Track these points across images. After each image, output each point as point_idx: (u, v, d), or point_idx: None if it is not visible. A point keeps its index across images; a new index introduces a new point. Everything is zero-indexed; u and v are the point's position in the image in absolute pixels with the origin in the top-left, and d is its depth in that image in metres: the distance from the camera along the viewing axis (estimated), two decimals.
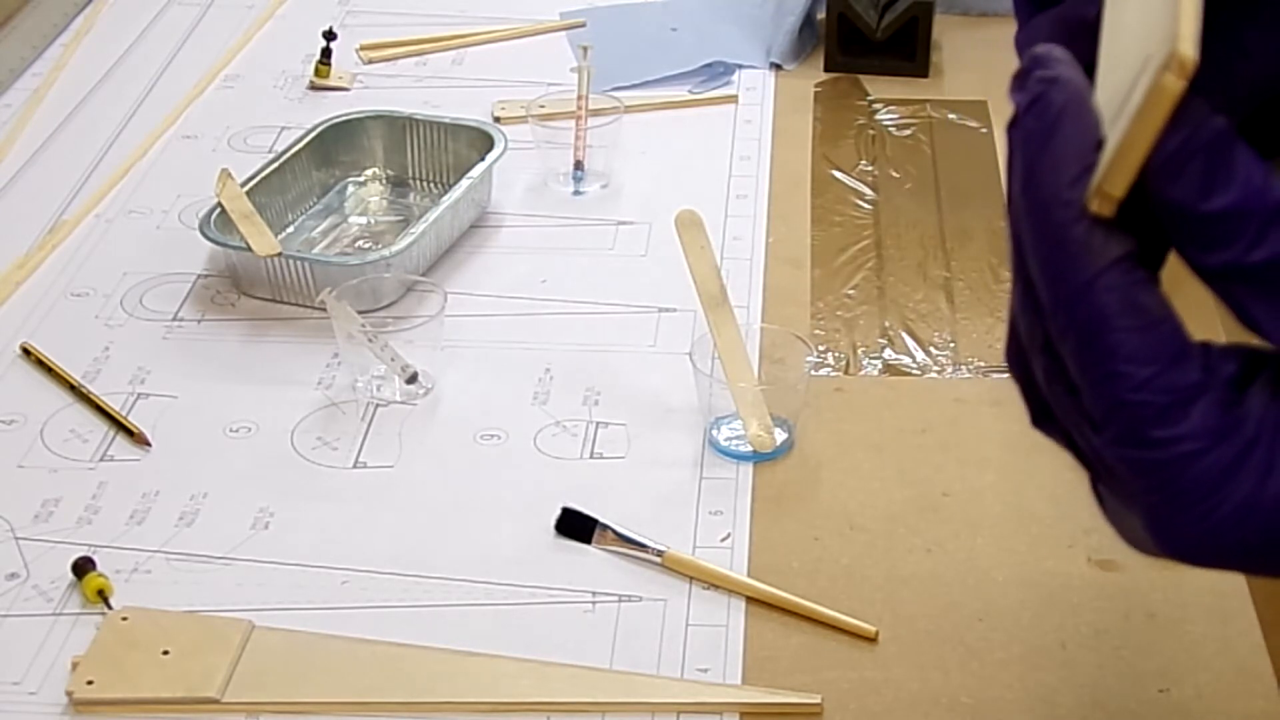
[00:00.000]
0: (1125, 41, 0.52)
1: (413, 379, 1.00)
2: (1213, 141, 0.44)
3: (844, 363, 1.04)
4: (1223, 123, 0.45)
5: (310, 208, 1.20)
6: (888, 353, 1.05)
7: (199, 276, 1.13)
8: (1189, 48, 0.42)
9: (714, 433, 0.97)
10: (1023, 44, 0.60)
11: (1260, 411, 0.46)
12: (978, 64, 1.41)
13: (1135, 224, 0.47)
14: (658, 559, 0.88)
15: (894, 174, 1.26)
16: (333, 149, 1.22)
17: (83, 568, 0.86)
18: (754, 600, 0.86)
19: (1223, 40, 0.59)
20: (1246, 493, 0.45)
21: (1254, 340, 0.47)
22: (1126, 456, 0.46)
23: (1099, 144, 0.46)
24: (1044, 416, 0.50)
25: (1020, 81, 0.48)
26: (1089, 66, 0.52)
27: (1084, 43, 0.54)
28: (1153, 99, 0.43)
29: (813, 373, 1.00)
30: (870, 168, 1.27)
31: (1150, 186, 0.45)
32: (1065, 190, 0.46)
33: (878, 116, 1.34)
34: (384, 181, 1.24)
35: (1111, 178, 0.45)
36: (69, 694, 0.79)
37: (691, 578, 0.87)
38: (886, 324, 1.08)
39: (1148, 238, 0.46)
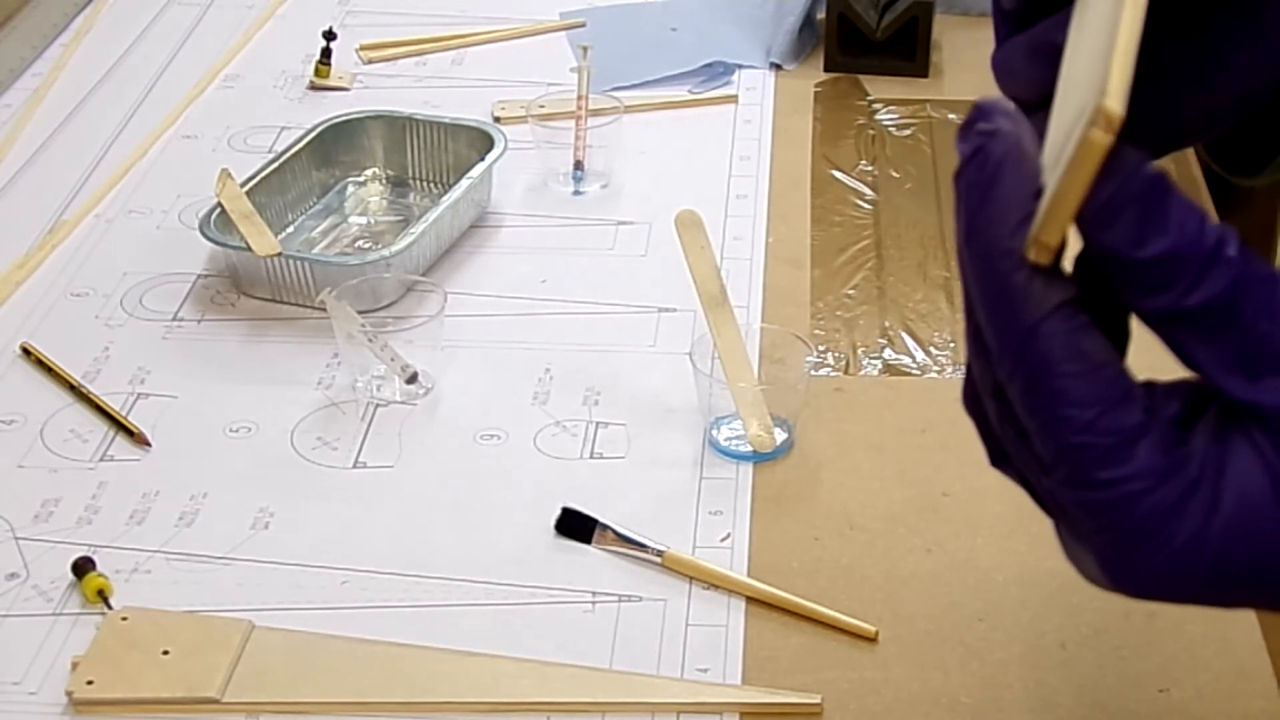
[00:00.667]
0: (1075, 80, 0.53)
1: (413, 379, 1.00)
2: (1145, 190, 0.45)
3: (844, 363, 1.04)
4: (1155, 171, 0.45)
5: (310, 208, 1.20)
6: (888, 353, 1.05)
7: (199, 276, 1.13)
8: (1116, 103, 0.43)
9: (714, 433, 0.97)
10: (999, 65, 0.61)
11: (1203, 450, 0.47)
12: (978, 64, 1.41)
13: (1084, 268, 0.48)
14: (658, 559, 0.88)
15: (894, 174, 1.26)
16: (333, 149, 1.22)
17: (83, 568, 0.86)
18: (754, 600, 0.86)
19: (1202, 55, 0.60)
20: (1193, 530, 0.46)
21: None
22: (1076, 497, 0.47)
23: (1038, 193, 0.47)
24: (1000, 458, 0.52)
25: (963, 133, 0.48)
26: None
27: (1054, 67, 0.55)
28: (1082, 153, 0.44)
29: (813, 373, 1.00)
30: (870, 168, 1.27)
31: (1085, 235, 0.46)
32: (1005, 240, 0.47)
33: (878, 116, 1.34)
34: (384, 181, 1.24)
35: (1047, 228, 0.46)
36: (69, 694, 0.79)
37: (691, 578, 0.87)
38: (886, 324, 1.08)
39: (1095, 282, 0.48)
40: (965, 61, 1.42)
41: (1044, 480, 0.48)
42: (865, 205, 1.22)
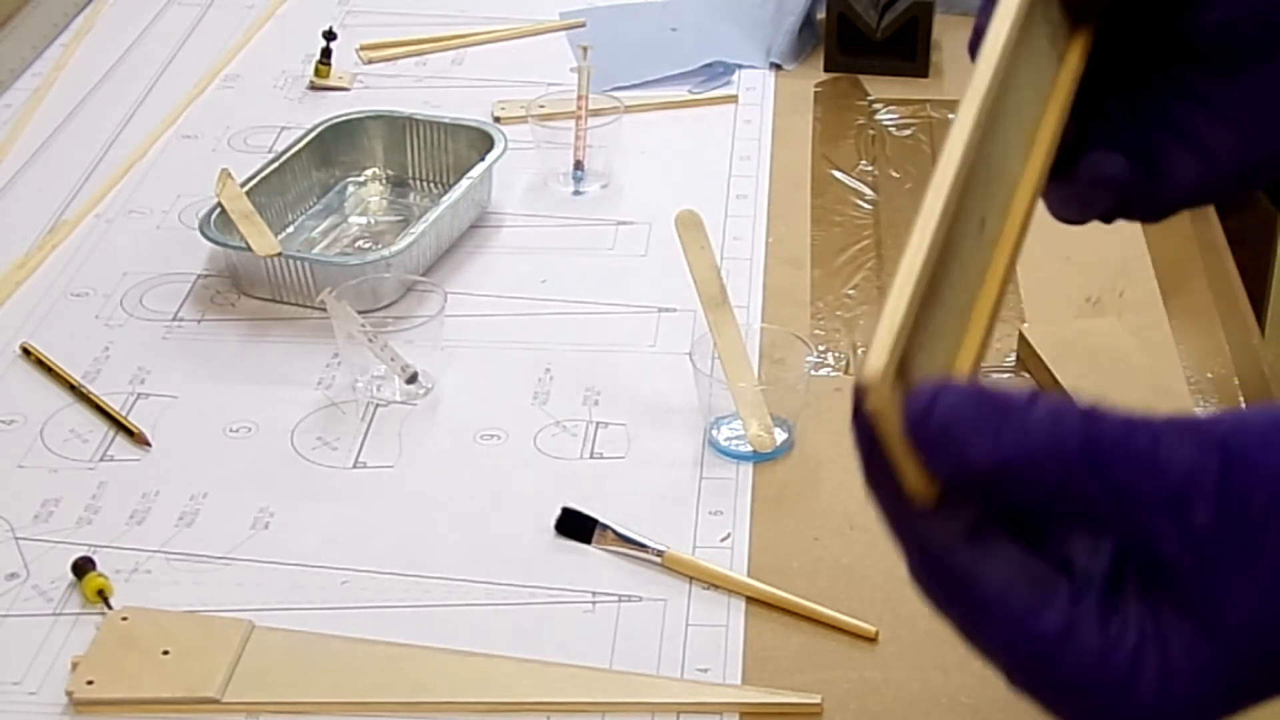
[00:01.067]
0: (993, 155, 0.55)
1: (413, 379, 1.00)
2: (945, 423, 0.46)
3: (844, 363, 1.05)
4: (947, 399, 0.47)
5: (310, 208, 1.20)
6: None
7: (199, 276, 1.13)
8: (872, 374, 0.45)
9: (714, 433, 0.97)
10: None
11: (1138, 613, 0.47)
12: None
13: None
14: (658, 559, 0.88)
15: (894, 174, 1.26)
16: (333, 149, 1.22)
17: (83, 568, 0.86)
18: (754, 600, 0.86)
19: (1205, 111, 0.61)
20: (1154, 689, 0.47)
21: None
22: (1031, 687, 0.50)
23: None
24: None
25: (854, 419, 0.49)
26: None
27: None
28: (873, 421, 0.46)
29: (813, 373, 1.00)
30: (870, 168, 1.27)
31: None
32: (889, 499, 0.49)
33: (878, 116, 1.34)
34: (384, 181, 1.24)
35: (906, 479, 0.47)
36: (69, 694, 0.79)
37: (691, 578, 0.87)
38: None
39: None
40: (965, 61, 1.41)
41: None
42: (865, 205, 1.22)
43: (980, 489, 0.47)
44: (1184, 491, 0.46)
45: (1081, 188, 0.63)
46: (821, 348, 1.06)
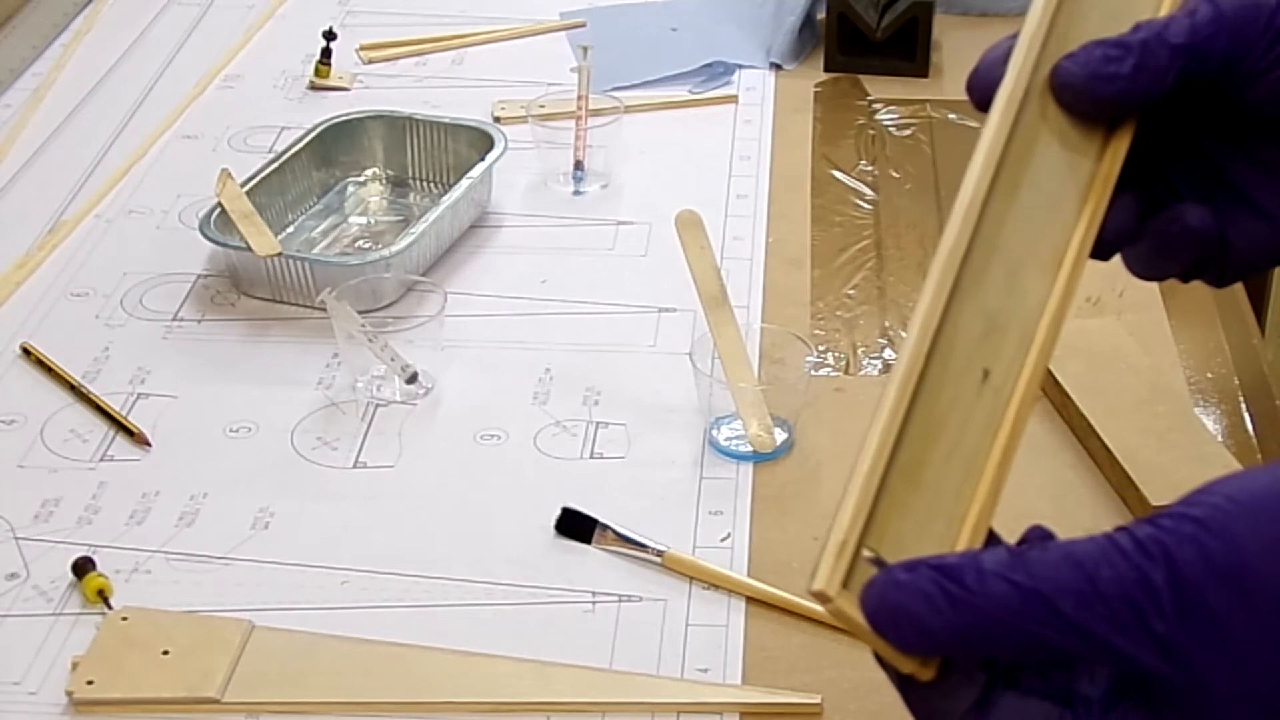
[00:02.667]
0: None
1: (413, 379, 1.00)
2: (895, 611, 0.49)
3: (844, 363, 1.05)
4: (892, 591, 0.49)
5: (310, 208, 1.20)
6: (888, 353, 1.05)
7: (199, 276, 1.13)
8: (821, 583, 0.48)
9: (714, 433, 0.97)
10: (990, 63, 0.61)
11: None
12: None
13: None
14: (658, 559, 0.88)
15: (894, 174, 1.26)
16: (333, 149, 1.22)
17: (83, 568, 0.86)
18: (754, 600, 0.86)
19: (1269, 176, 0.60)
20: None
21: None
22: None
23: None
24: None
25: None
26: None
27: None
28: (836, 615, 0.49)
29: (813, 373, 1.00)
30: (870, 168, 1.27)
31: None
32: (901, 683, 0.51)
33: (878, 116, 1.34)
34: (384, 181, 1.24)
35: (897, 663, 0.50)
36: (69, 694, 0.79)
37: (691, 578, 0.87)
38: (886, 324, 1.08)
39: None
40: (965, 61, 1.40)
41: None
42: (865, 205, 1.22)
43: (964, 655, 0.49)
44: (1136, 607, 0.46)
45: (1161, 241, 0.61)
46: (821, 348, 1.06)
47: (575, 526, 0.90)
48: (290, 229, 1.17)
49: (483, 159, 1.17)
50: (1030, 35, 0.57)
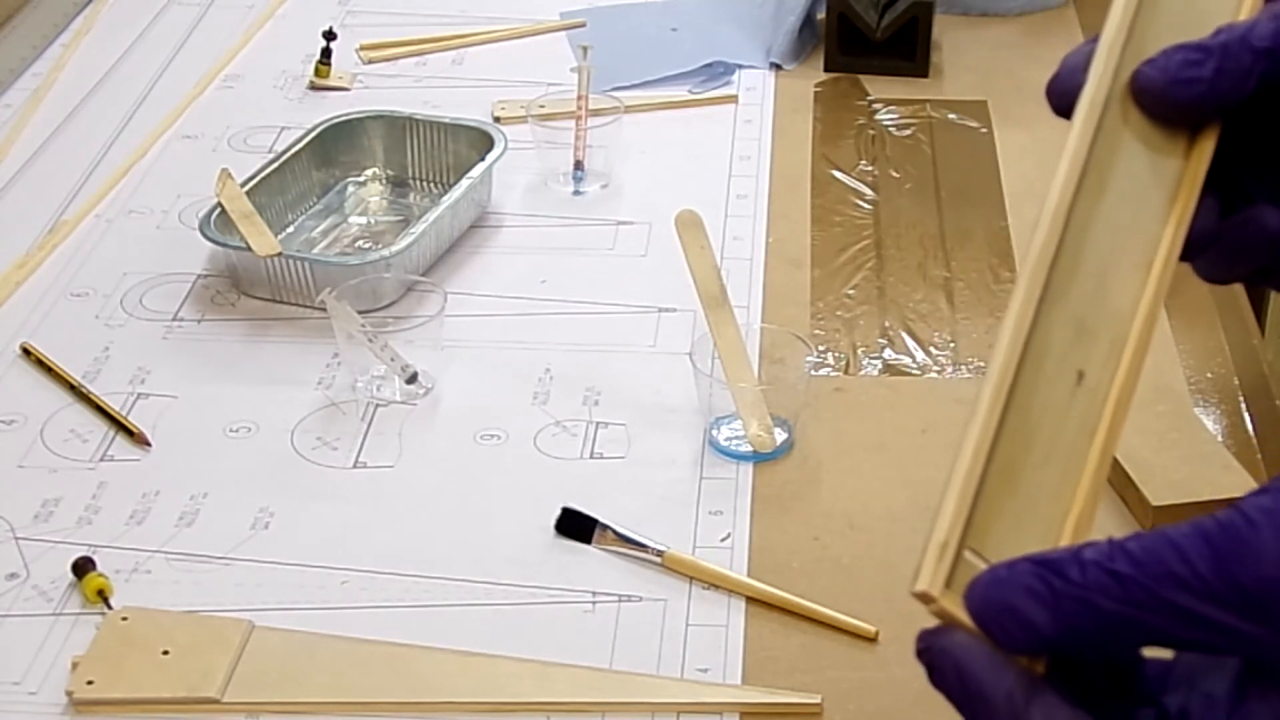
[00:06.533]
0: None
1: (413, 379, 1.00)
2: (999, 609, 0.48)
3: (844, 363, 1.05)
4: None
5: (310, 208, 1.20)
6: (888, 353, 1.05)
7: (199, 276, 1.13)
8: (924, 584, 0.48)
9: (714, 433, 0.97)
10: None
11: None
12: (978, 64, 1.41)
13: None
14: (658, 559, 0.88)
15: (894, 174, 1.26)
16: (333, 149, 1.22)
17: (83, 568, 0.86)
18: (754, 600, 0.86)
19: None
20: None
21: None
22: None
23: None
24: None
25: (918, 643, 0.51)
26: None
27: None
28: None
29: (813, 373, 1.00)
30: (870, 168, 1.27)
31: None
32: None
33: (878, 116, 1.34)
34: (384, 181, 1.24)
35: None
36: (69, 694, 0.79)
37: (691, 578, 0.87)
38: (886, 324, 1.08)
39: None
40: (965, 61, 1.42)
41: None
42: (865, 205, 1.22)
43: (1072, 649, 0.48)
44: (1237, 582, 0.46)
45: (1236, 243, 0.60)
46: (821, 348, 1.06)
47: (575, 526, 0.90)
48: (290, 229, 1.17)
49: (483, 159, 1.17)
50: (1110, 40, 0.57)
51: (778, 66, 1.41)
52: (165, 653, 0.81)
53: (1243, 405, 1.00)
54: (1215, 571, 0.46)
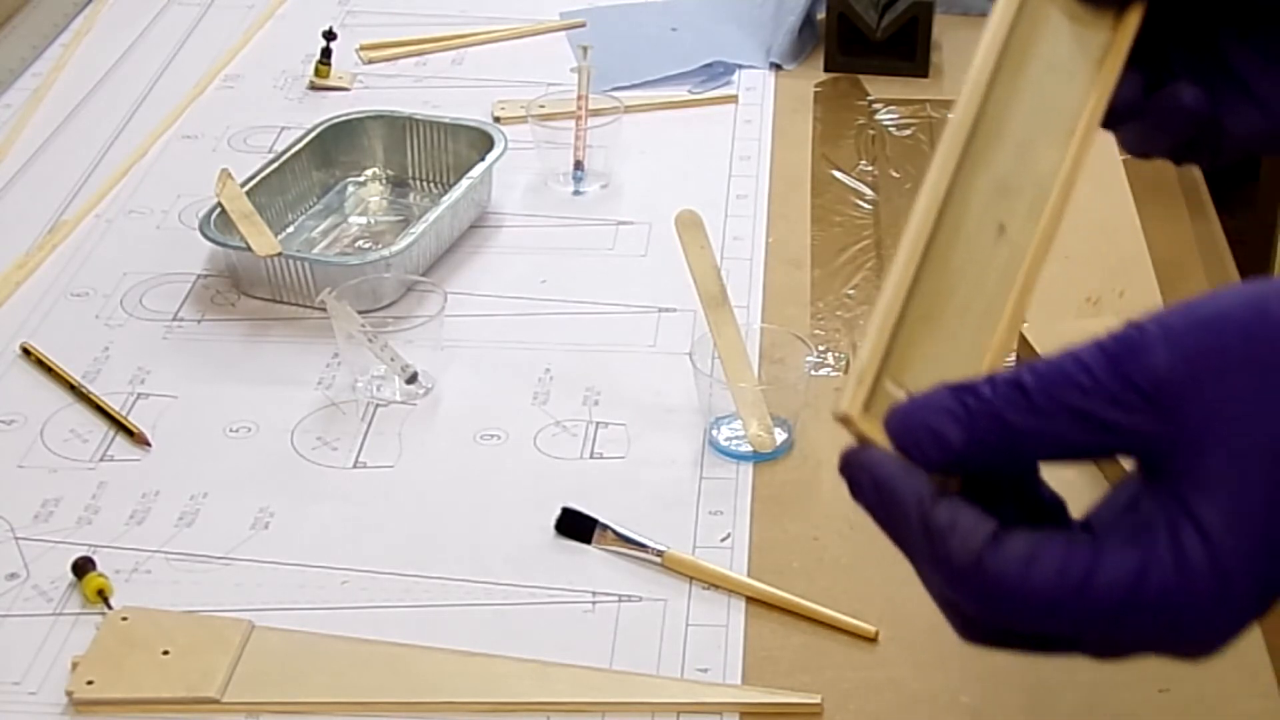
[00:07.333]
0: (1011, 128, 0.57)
1: (413, 379, 1.00)
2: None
3: (844, 363, 1.04)
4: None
5: (310, 208, 1.20)
6: None
7: (199, 276, 1.13)
8: (846, 405, 0.52)
9: (714, 433, 0.97)
10: None
11: (1160, 505, 0.50)
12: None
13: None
14: (658, 559, 0.88)
15: (894, 174, 1.26)
16: (333, 149, 1.22)
17: (83, 568, 0.86)
18: (754, 600, 0.86)
19: (1266, 65, 0.63)
20: (1203, 556, 0.49)
21: None
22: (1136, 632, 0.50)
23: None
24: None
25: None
26: None
27: None
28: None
29: (813, 373, 1.00)
30: (870, 168, 1.27)
31: None
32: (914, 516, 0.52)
33: (878, 116, 1.34)
34: (384, 181, 1.24)
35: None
36: (69, 694, 0.79)
37: (691, 578, 0.87)
38: None
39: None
40: (965, 61, 1.41)
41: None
42: (865, 205, 1.22)
43: (983, 462, 0.51)
44: (1127, 377, 0.49)
45: (1157, 117, 0.64)
46: (821, 348, 1.06)
47: (575, 526, 0.90)
48: (290, 229, 1.17)
49: (483, 159, 1.17)
50: None
51: (778, 66, 1.41)
52: (165, 653, 0.81)
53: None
54: (1110, 372, 0.49)
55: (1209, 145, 0.65)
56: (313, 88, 1.38)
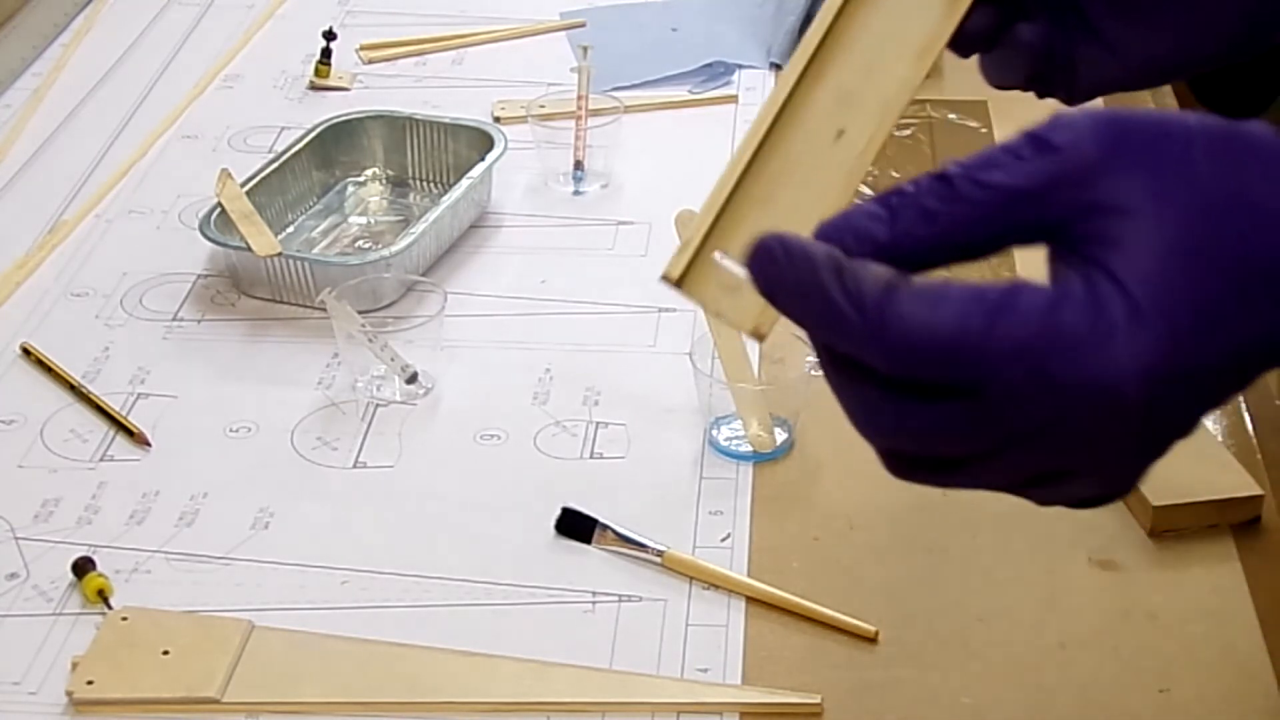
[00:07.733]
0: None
1: (413, 379, 1.00)
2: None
3: None
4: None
5: (310, 208, 1.20)
6: None
7: (199, 276, 1.13)
8: (671, 269, 0.59)
9: (714, 433, 0.97)
10: None
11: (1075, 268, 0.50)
12: (978, 64, 1.41)
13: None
14: (658, 559, 0.88)
15: (894, 174, 1.26)
16: (333, 149, 1.22)
17: (83, 568, 0.86)
18: (754, 600, 0.86)
19: (1114, 10, 0.66)
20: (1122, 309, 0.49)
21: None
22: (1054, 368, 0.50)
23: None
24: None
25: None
26: None
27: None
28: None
29: (813, 373, 1.00)
30: (870, 168, 1.27)
31: None
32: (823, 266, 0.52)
33: None
34: (384, 181, 1.24)
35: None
36: (69, 694, 0.79)
37: (691, 578, 0.87)
38: None
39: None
40: (965, 61, 1.41)
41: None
42: None
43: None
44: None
45: (1004, 53, 0.68)
46: None
47: (575, 526, 0.90)
48: (290, 229, 1.17)
49: (483, 159, 1.17)
50: None
51: (778, 66, 1.41)
52: (165, 653, 0.81)
53: (1243, 405, 0.99)
54: (1033, 148, 0.50)
55: (1063, 82, 0.68)
56: (313, 88, 1.39)
